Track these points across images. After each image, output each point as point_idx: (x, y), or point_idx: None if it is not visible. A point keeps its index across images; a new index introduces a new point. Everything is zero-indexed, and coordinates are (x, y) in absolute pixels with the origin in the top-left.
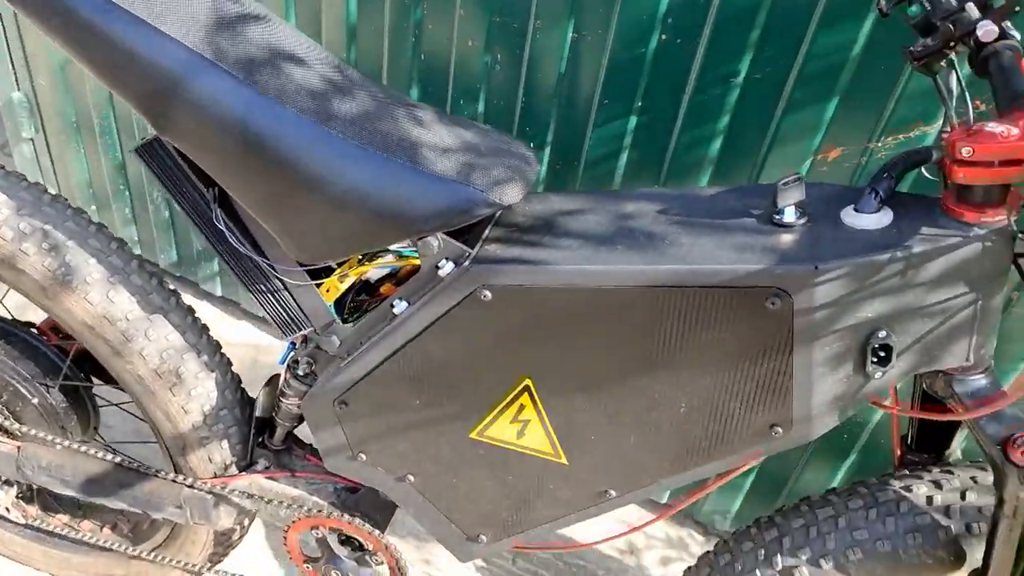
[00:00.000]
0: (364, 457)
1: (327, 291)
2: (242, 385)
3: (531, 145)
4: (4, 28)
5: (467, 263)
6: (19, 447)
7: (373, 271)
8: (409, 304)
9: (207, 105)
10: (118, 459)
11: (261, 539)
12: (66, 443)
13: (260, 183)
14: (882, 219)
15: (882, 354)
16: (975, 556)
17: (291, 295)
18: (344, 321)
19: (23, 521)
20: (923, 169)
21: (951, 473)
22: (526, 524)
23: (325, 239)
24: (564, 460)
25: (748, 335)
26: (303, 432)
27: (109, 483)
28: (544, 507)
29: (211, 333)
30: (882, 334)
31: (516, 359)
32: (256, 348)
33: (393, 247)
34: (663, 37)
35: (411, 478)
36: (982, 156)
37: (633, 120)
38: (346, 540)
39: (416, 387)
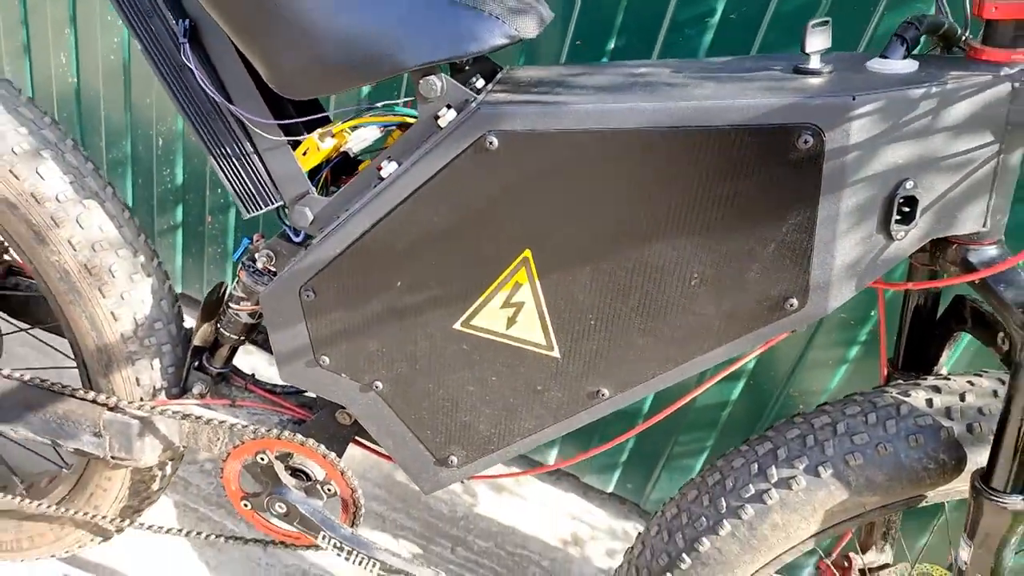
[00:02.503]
0: (327, 360)
1: (303, 154)
2: (179, 303)
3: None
4: None
5: (474, 105)
6: None
7: (354, 142)
8: (399, 164)
9: None
10: (26, 376)
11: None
12: None
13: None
14: (909, 66)
15: (906, 209)
16: (976, 459)
17: (261, 159)
18: (317, 193)
19: None
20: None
21: (947, 380)
22: (506, 437)
23: (317, 65)
24: (556, 352)
25: (774, 183)
26: (244, 363)
27: (14, 406)
28: (528, 415)
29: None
30: (909, 184)
31: (517, 226)
32: None
33: (380, 108)
34: None
35: (378, 385)
36: None
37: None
38: (294, 473)
39: (399, 267)
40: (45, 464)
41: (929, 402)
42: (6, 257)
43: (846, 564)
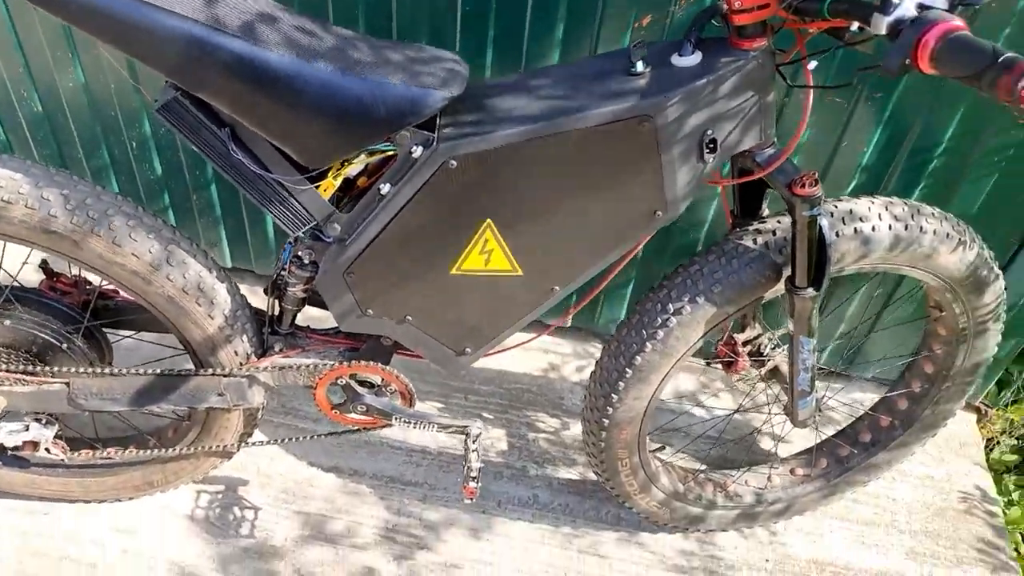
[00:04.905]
0: (371, 312)
1: (324, 191)
2: (243, 295)
3: (455, 52)
4: None
5: (435, 144)
6: (68, 383)
7: (352, 169)
8: (392, 185)
9: (226, 63)
10: (160, 369)
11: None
12: (116, 370)
13: (277, 113)
14: (697, 59)
15: (711, 146)
16: (787, 271)
17: (296, 200)
18: (339, 211)
19: (61, 457)
20: (714, 21)
21: (764, 223)
22: (499, 328)
23: (331, 145)
24: (520, 272)
25: (630, 151)
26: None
27: (157, 391)
28: (510, 312)
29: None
30: (710, 132)
31: (478, 207)
32: None
33: (366, 151)
34: None
35: (410, 319)
36: (747, 4)
37: (491, 19)
38: (362, 383)
39: (405, 247)
40: (157, 420)
41: (755, 241)
42: (88, 286)
43: (732, 342)
